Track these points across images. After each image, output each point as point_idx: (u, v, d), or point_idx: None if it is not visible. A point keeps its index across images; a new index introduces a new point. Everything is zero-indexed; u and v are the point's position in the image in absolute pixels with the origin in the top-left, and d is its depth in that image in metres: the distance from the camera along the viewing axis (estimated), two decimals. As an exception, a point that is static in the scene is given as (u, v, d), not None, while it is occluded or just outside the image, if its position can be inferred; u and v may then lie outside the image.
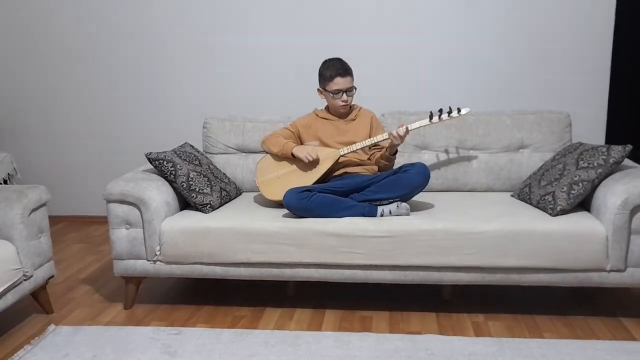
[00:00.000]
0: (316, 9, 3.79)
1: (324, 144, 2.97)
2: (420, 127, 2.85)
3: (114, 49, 4.04)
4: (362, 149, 2.91)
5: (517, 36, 3.66)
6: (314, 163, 2.90)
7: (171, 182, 2.85)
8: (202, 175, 2.90)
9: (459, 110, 2.85)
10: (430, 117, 2.85)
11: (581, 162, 2.64)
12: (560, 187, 2.62)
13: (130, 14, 3.97)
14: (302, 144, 3.03)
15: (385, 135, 2.84)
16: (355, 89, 2.95)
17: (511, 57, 3.70)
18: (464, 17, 3.69)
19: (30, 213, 2.62)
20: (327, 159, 2.90)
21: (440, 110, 2.85)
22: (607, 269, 2.47)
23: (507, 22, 3.66)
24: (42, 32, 4.08)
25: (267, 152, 3.03)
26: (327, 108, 3.06)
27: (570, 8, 3.58)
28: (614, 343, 2.35)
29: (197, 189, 2.83)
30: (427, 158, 3.17)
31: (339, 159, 2.90)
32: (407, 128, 2.75)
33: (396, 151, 2.89)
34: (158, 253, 2.72)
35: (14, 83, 4.20)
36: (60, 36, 4.07)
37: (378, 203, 2.69)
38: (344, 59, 2.95)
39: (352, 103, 3.02)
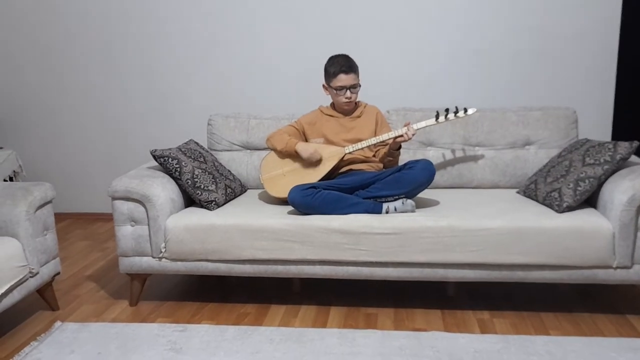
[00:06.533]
0: (322, 5, 3.78)
1: (329, 142, 2.96)
2: (426, 126, 2.85)
3: (119, 47, 4.04)
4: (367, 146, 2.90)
5: (522, 32, 3.64)
6: (319, 161, 2.89)
7: (176, 179, 2.85)
8: (207, 172, 2.90)
9: (465, 110, 2.84)
10: (437, 116, 2.84)
11: (587, 159, 2.62)
12: (567, 183, 2.60)
13: (136, 12, 3.97)
14: (307, 141, 3.02)
15: (392, 134, 2.83)
16: (360, 86, 2.94)
17: (516, 52, 3.68)
18: (468, 13, 3.67)
19: (36, 210, 2.63)
20: (332, 157, 2.89)
21: (447, 110, 2.84)
22: (614, 265, 2.46)
23: (511, 17, 3.63)
24: (48, 29, 4.09)
25: (271, 149, 3.02)
26: (333, 105, 3.05)
27: (575, 3, 3.56)
28: (620, 340, 2.34)
29: (202, 186, 2.83)
30: (432, 155, 3.16)
31: (344, 157, 2.90)
32: (413, 128, 2.77)
33: (400, 146, 2.89)
34: (163, 250, 2.72)
35: (20, 80, 4.21)
36: (65, 34, 4.08)
37: (383, 200, 2.68)
38: (349, 55, 2.94)
39: (358, 100, 3.01)
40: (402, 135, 2.77)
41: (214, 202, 2.83)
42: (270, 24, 3.85)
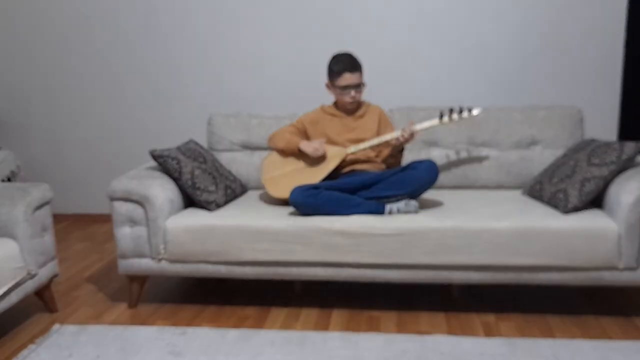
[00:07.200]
0: (324, 2, 3.75)
1: (332, 142, 2.93)
2: (429, 127, 2.82)
3: (118, 46, 4.02)
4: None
5: (527, 30, 3.61)
6: (321, 160, 2.86)
7: (176, 180, 2.82)
8: (207, 173, 2.87)
9: (469, 110, 2.81)
10: (440, 117, 2.81)
11: (593, 159, 2.59)
12: (572, 184, 2.57)
13: (135, 12, 3.94)
14: (309, 140, 2.99)
15: (394, 134, 2.80)
16: (364, 85, 2.91)
17: (521, 51, 3.65)
18: (473, 11, 3.64)
19: (34, 211, 2.60)
20: (334, 157, 2.86)
21: (451, 110, 2.81)
22: (620, 267, 2.43)
23: (516, 15, 3.60)
24: (46, 29, 4.06)
25: (273, 149, 2.99)
26: (335, 104, 3.02)
27: (581, 1, 3.53)
28: (627, 343, 2.31)
29: (202, 187, 2.79)
30: (436, 155, 3.13)
31: (346, 157, 2.86)
32: (413, 130, 2.73)
33: (403, 147, 2.85)
34: (162, 251, 2.69)
35: (18, 80, 4.18)
36: (64, 33, 4.05)
37: (386, 200, 2.65)
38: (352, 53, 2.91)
39: (361, 99, 2.98)
40: (404, 136, 2.74)
41: (214, 203, 2.80)
42: (271, 22, 3.82)
